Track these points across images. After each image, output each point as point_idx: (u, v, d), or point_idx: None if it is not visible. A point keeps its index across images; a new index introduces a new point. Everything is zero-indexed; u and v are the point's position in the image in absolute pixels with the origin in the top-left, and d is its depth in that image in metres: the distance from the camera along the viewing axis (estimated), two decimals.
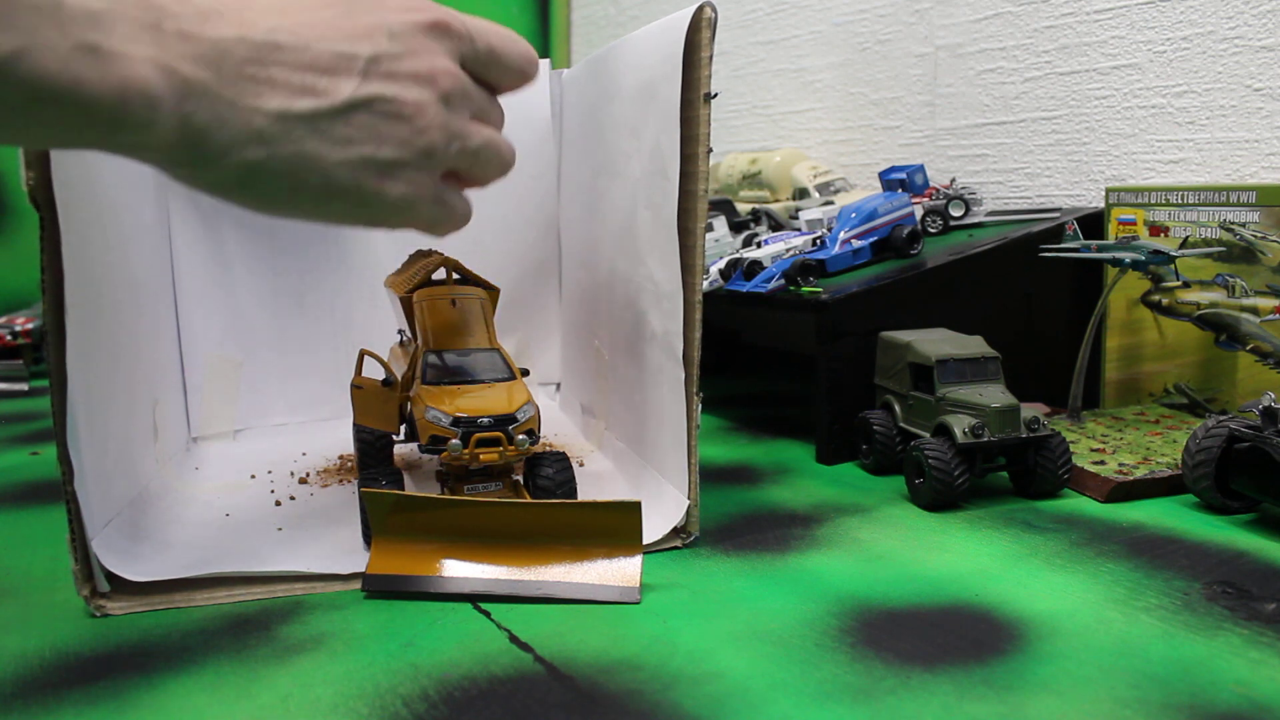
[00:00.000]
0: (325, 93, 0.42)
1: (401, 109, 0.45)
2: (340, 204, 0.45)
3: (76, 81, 0.36)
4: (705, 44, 0.62)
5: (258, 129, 0.41)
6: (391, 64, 0.44)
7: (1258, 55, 0.91)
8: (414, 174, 0.46)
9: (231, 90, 0.40)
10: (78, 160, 0.59)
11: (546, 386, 1.10)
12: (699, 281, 0.64)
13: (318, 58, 0.42)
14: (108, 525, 0.61)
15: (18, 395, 1.24)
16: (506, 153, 0.52)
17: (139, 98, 0.37)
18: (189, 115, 0.39)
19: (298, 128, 0.42)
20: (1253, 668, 0.48)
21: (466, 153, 0.48)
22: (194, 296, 0.93)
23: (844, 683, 0.47)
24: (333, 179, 0.44)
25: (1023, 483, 0.75)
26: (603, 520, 0.58)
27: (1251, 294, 0.86)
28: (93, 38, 0.36)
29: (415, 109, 0.45)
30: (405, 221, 0.48)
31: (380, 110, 0.44)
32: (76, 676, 0.49)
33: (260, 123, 0.41)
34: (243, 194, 0.43)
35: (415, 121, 0.45)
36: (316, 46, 0.42)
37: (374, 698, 0.46)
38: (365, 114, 0.44)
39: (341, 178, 0.44)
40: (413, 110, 0.45)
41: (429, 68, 0.46)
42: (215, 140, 0.40)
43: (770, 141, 1.47)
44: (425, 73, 0.45)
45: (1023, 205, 1.12)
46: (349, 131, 0.43)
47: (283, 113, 0.41)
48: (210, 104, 0.39)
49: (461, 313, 0.71)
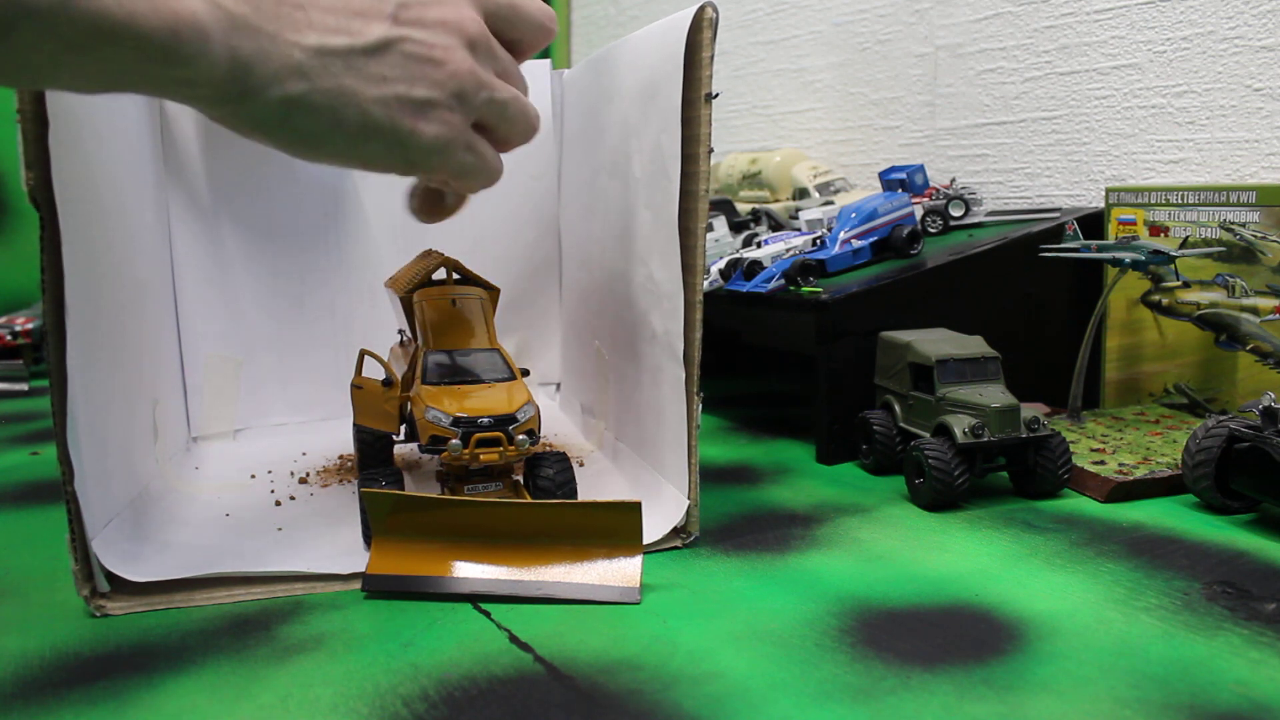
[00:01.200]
0: (358, 32, 0.44)
1: (431, 51, 0.46)
2: (377, 143, 0.47)
3: (131, 16, 0.37)
4: (706, 44, 0.62)
5: (297, 63, 0.43)
6: (419, 10, 0.47)
7: (1258, 55, 0.91)
8: (447, 114, 0.48)
9: (272, 24, 0.42)
10: (78, 160, 0.59)
11: (546, 386, 1.10)
12: (699, 281, 0.64)
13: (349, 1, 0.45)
14: (108, 525, 0.61)
15: (18, 395, 1.24)
16: (533, 114, 0.53)
17: (190, 30, 0.39)
18: (236, 48, 0.41)
19: (335, 63, 0.44)
20: (1253, 668, 0.48)
21: (495, 104, 0.50)
22: (194, 296, 0.93)
23: (844, 683, 0.47)
24: (370, 115, 0.45)
25: (1023, 483, 0.75)
26: (603, 520, 0.58)
27: (1251, 294, 0.86)
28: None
29: (444, 52, 0.47)
30: (439, 165, 0.49)
31: (411, 51, 0.46)
32: (76, 676, 0.49)
33: (300, 57, 0.43)
34: (283, 130, 0.45)
35: (445, 64, 0.47)
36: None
37: (374, 698, 0.46)
38: (397, 54, 0.46)
39: (377, 114, 0.46)
40: (441, 53, 0.47)
41: (455, 16, 0.48)
42: (259, 73, 0.42)
43: (770, 141, 1.47)
44: (453, 20, 0.47)
45: (1023, 205, 1.12)
46: (383, 69, 0.45)
47: (320, 48, 0.43)
48: (253, 37, 0.41)
49: (461, 313, 0.71)
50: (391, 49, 0.45)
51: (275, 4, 0.42)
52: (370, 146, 0.47)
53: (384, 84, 0.45)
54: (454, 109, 0.48)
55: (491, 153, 0.52)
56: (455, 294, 0.71)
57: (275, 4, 0.42)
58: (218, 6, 0.40)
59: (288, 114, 0.44)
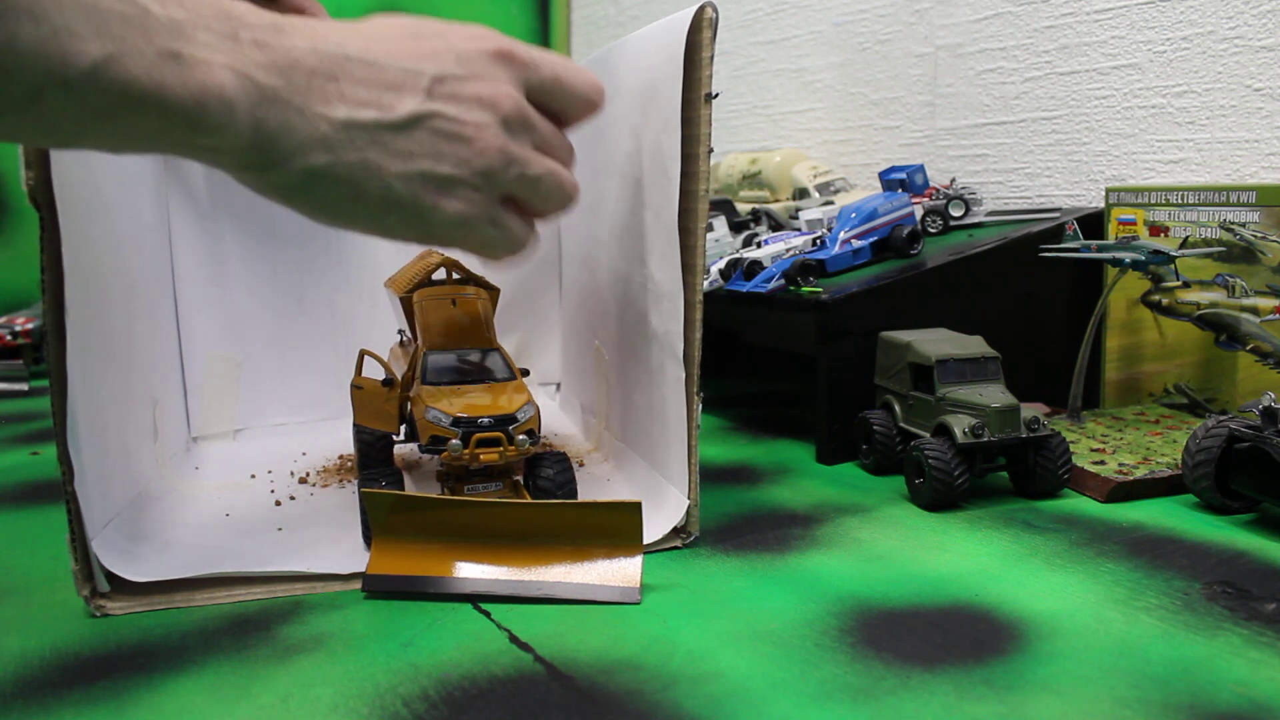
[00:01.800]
0: (389, 106, 0.44)
1: (462, 129, 0.46)
2: (397, 216, 0.46)
3: (160, 86, 0.38)
4: (706, 44, 0.62)
5: (324, 135, 0.43)
6: (455, 85, 0.46)
7: (1258, 55, 0.91)
8: (471, 193, 0.47)
9: (301, 98, 0.42)
10: (78, 160, 0.59)
11: (546, 386, 1.10)
12: (699, 281, 0.64)
13: (384, 73, 0.44)
14: (108, 525, 0.61)
15: (18, 395, 1.24)
16: (569, 186, 0.52)
17: (217, 102, 0.39)
18: (261, 120, 0.41)
19: (361, 137, 0.43)
20: (1253, 668, 0.48)
21: (526, 179, 0.49)
22: (194, 296, 0.93)
23: (844, 683, 0.47)
24: (391, 190, 0.45)
25: (1023, 483, 0.75)
26: (603, 520, 0.58)
27: (1251, 294, 0.86)
28: (175, 45, 0.38)
29: (475, 130, 0.46)
30: (460, 240, 0.49)
31: (441, 128, 0.45)
32: (76, 676, 0.49)
33: (326, 130, 0.43)
34: (306, 198, 0.45)
35: (475, 142, 0.46)
36: (384, 62, 0.44)
37: (374, 698, 0.46)
38: (426, 130, 0.45)
39: (399, 190, 0.45)
40: (473, 131, 0.46)
41: (491, 92, 0.47)
42: (284, 144, 0.42)
43: (770, 141, 1.47)
44: (488, 96, 0.47)
45: (1023, 205, 1.12)
46: (410, 145, 0.45)
47: (348, 122, 0.43)
48: (281, 110, 0.41)
49: (461, 313, 0.71)
50: (421, 125, 0.45)
51: (308, 76, 0.42)
52: (390, 219, 0.46)
53: (409, 160, 0.45)
54: (480, 187, 0.47)
55: (519, 225, 0.51)
56: (455, 294, 0.71)
57: (308, 76, 0.42)
58: (248, 79, 0.40)
59: (310, 184, 0.44)
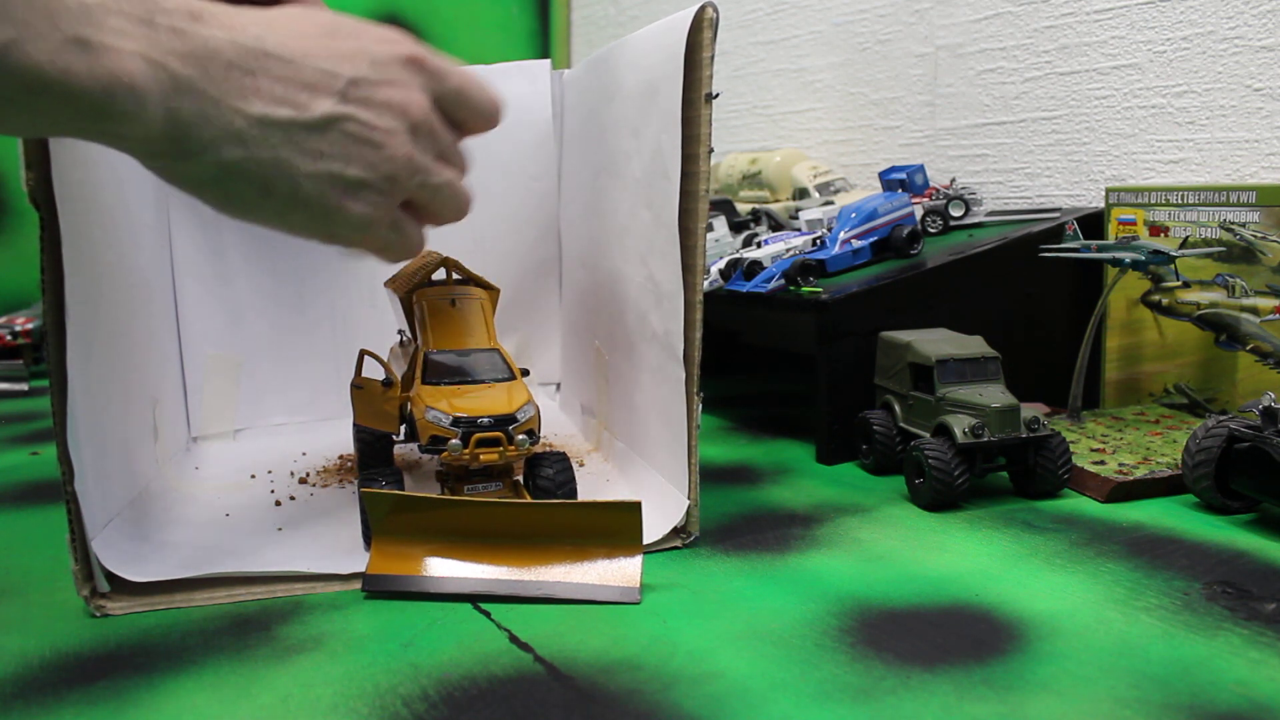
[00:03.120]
0: (305, 106, 0.44)
1: (373, 134, 0.46)
2: (303, 214, 0.47)
3: (65, 73, 0.37)
4: (707, 44, 0.62)
5: (238, 130, 0.42)
6: (369, 90, 0.46)
7: (1258, 55, 0.91)
8: (375, 197, 0.48)
9: (217, 89, 0.41)
10: (78, 160, 0.59)
11: (546, 386, 1.10)
12: (699, 281, 0.64)
13: (300, 71, 0.44)
14: (108, 525, 0.61)
15: (18, 395, 1.24)
16: (464, 198, 0.53)
17: (126, 91, 0.39)
18: (175, 110, 0.40)
19: (275, 134, 0.44)
20: (1253, 668, 0.48)
21: (428, 187, 0.50)
22: (194, 296, 0.93)
23: (844, 683, 0.47)
24: (300, 189, 0.45)
25: (1023, 483, 0.75)
26: (603, 520, 0.58)
27: (1251, 294, 0.86)
28: (83, 31, 0.37)
29: (385, 135, 0.47)
30: (360, 241, 0.50)
31: (353, 131, 0.46)
32: (76, 676, 0.49)
33: (240, 124, 0.42)
34: (214, 191, 0.45)
35: (384, 148, 0.47)
36: (301, 61, 0.44)
37: (374, 698, 0.46)
38: (338, 133, 0.45)
39: (308, 189, 0.46)
40: (383, 136, 0.47)
41: (403, 99, 0.47)
42: (198, 136, 0.42)
43: (770, 141, 1.47)
44: (399, 103, 0.47)
45: (1023, 205, 1.12)
46: (321, 146, 0.45)
47: (263, 118, 0.43)
48: (196, 100, 0.41)
49: (461, 313, 0.71)
50: (333, 127, 0.45)
51: (225, 69, 0.42)
52: (295, 216, 0.47)
53: (320, 160, 0.45)
54: (384, 191, 0.48)
55: (415, 230, 0.52)
56: (455, 294, 0.71)
57: (225, 69, 0.42)
58: (161, 67, 0.39)
59: (222, 178, 0.44)
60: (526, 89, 1.00)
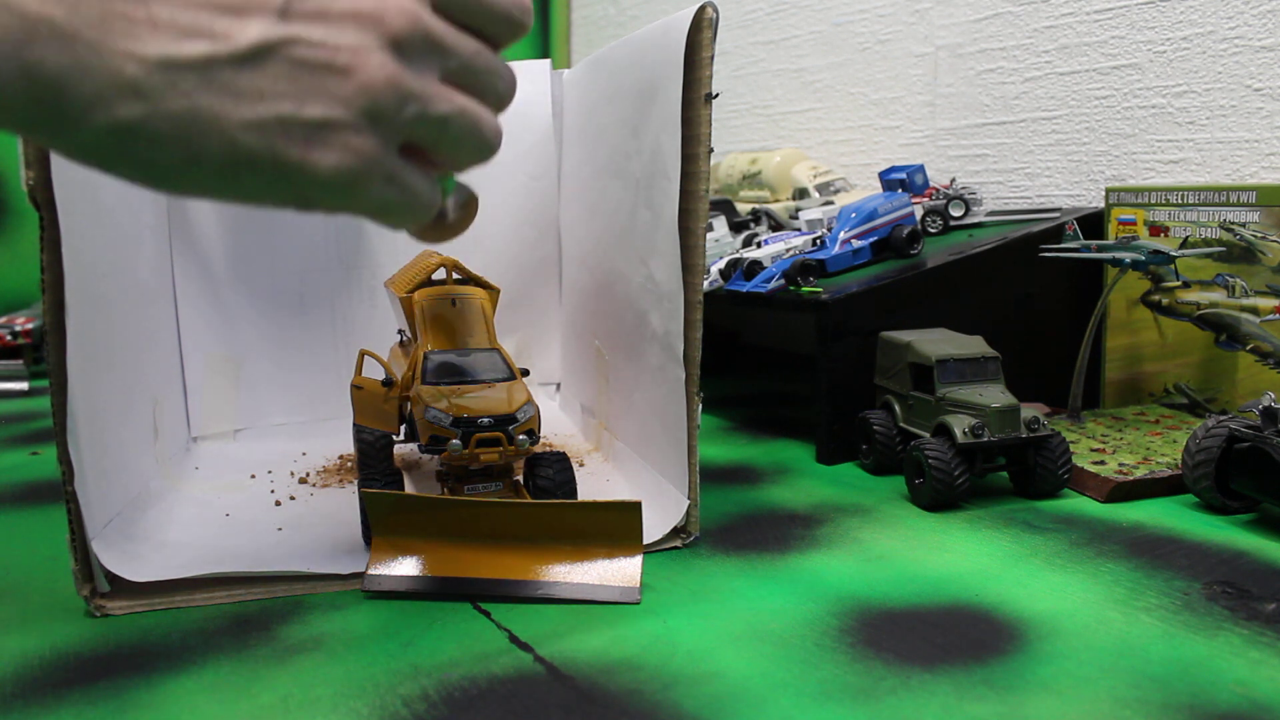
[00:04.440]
0: (225, 35, 0.33)
1: (333, 56, 0.34)
2: (253, 178, 0.35)
3: None
4: (707, 44, 0.62)
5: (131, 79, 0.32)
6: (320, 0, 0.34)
7: (1258, 55, 0.91)
8: (353, 138, 0.35)
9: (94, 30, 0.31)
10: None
11: (546, 386, 1.10)
12: (699, 281, 0.64)
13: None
14: (108, 525, 0.61)
15: (18, 395, 1.24)
16: (488, 129, 0.39)
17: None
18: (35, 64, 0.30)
19: (187, 79, 0.32)
20: (1253, 668, 0.48)
21: (429, 121, 0.37)
22: (194, 296, 0.93)
23: (844, 683, 0.47)
24: (239, 145, 0.34)
25: (1023, 483, 0.75)
26: (603, 520, 0.58)
27: (1251, 294, 0.86)
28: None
29: (351, 55, 0.34)
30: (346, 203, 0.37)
31: (302, 57, 0.34)
32: (76, 676, 0.49)
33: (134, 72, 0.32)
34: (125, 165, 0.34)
35: (353, 73, 0.34)
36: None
37: (374, 698, 0.46)
38: (282, 62, 0.34)
39: (250, 143, 0.34)
40: (348, 58, 0.34)
41: (374, 5, 0.35)
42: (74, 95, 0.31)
43: (770, 141, 1.47)
44: (369, 11, 0.35)
45: (1023, 205, 1.12)
46: (259, 84, 0.33)
47: (165, 60, 0.32)
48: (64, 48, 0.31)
49: (461, 313, 0.71)
50: (274, 55, 0.33)
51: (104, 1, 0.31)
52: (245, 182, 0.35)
53: (259, 102, 0.33)
54: (364, 131, 0.35)
55: (424, 183, 0.38)
56: (455, 294, 0.71)
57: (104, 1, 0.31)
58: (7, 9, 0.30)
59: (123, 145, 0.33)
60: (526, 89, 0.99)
